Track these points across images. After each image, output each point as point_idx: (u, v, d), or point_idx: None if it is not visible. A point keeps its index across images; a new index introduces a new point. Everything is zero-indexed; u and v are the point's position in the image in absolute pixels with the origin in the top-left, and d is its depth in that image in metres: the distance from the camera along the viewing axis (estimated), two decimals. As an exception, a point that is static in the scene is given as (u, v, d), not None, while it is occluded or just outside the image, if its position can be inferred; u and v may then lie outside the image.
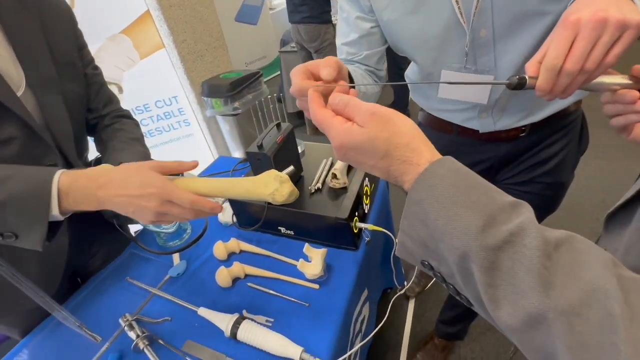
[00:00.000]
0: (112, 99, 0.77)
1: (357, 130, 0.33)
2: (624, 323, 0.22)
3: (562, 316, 0.23)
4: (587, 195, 1.98)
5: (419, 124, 0.90)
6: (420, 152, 0.32)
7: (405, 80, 0.87)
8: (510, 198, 0.29)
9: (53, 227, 0.46)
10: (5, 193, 0.42)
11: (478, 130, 0.75)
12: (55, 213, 0.43)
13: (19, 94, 0.56)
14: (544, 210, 0.87)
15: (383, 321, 0.82)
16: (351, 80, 0.58)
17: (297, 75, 0.42)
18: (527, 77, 0.39)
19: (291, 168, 0.57)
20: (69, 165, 0.64)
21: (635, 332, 0.22)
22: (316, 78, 0.43)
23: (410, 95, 0.86)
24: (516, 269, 0.25)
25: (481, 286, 0.27)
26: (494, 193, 0.29)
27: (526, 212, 0.28)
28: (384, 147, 0.32)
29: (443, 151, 0.33)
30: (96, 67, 0.74)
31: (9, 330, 0.74)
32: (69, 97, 0.63)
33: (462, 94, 0.70)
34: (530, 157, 0.78)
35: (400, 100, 2.98)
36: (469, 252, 0.27)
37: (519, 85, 0.39)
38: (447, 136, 0.81)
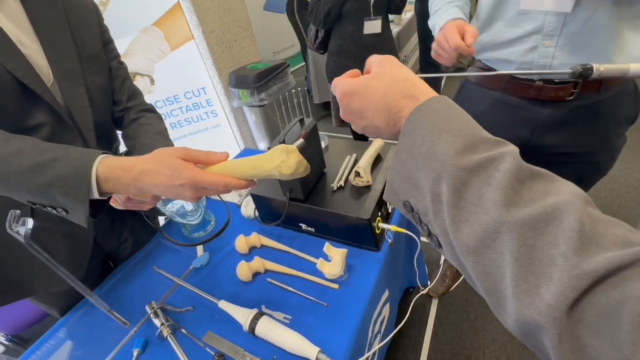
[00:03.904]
0: (137, 93, 0.79)
1: (363, 76, 0.35)
2: (579, 236, 0.21)
3: (515, 228, 0.23)
4: (638, 199, 1.81)
5: (465, 82, 0.91)
6: (421, 88, 0.33)
7: (438, 68, 0.88)
8: (496, 137, 0.29)
9: (99, 204, 0.49)
10: (53, 174, 0.45)
11: (526, 86, 0.73)
12: (96, 196, 0.46)
13: (49, 84, 0.59)
14: (597, 173, 0.86)
15: (402, 323, 0.80)
16: None
17: (453, 32, 0.60)
18: (594, 67, 0.35)
19: (301, 141, 0.54)
20: None
21: (589, 247, 0.21)
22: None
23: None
24: (483, 190, 0.25)
25: (447, 208, 0.27)
26: (481, 130, 0.29)
27: (508, 147, 0.28)
28: (388, 81, 0.33)
29: (485, 111, 0.34)
30: (121, 62, 0.77)
31: (49, 309, 0.81)
32: (92, 88, 0.66)
33: (545, 2, 0.67)
34: (576, 126, 0.76)
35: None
36: (443, 172, 0.27)
37: (581, 76, 0.36)
38: (492, 94, 0.81)
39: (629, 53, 0.65)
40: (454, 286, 1.52)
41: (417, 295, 0.90)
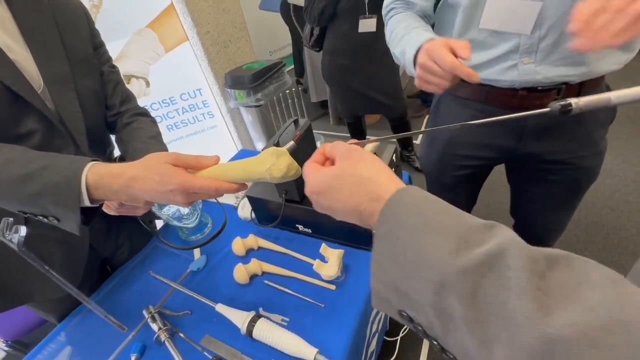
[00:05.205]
0: (130, 97, 0.78)
1: (326, 170, 0.34)
2: None
3: (573, 345, 0.18)
4: (637, 192, 1.81)
5: (441, 97, 0.87)
6: (385, 186, 0.30)
7: None
8: (482, 220, 0.26)
9: (91, 211, 0.48)
10: (42, 184, 0.45)
11: (509, 95, 0.70)
12: (87, 203, 0.45)
13: (39, 90, 0.59)
14: (590, 178, 0.85)
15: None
16: None
17: (442, 51, 0.51)
18: (572, 103, 0.34)
19: (291, 143, 0.54)
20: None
21: None
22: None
23: None
24: (503, 297, 0.21)
25: (466, 325, 0.22)
26: (464, 216, 0.26)
27: (503, 232, 0.25)
28: (350, 182, 0.32)
29: (470, 118, 0.31)
30: (113, 66, 0.76)
31: (46, 316, 0.81)
32: (83, 93, 0.65)
33: (504, 23, 0.65)
34: (562, 134, 0.75)
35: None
36: (445, 282, 0.23)
37: (563, 112, 0.34)
38: (473, 105, 0.78)
39: (610, 57, 0.64)
40: None
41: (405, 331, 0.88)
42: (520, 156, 0.81)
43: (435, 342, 0.27)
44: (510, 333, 0.20)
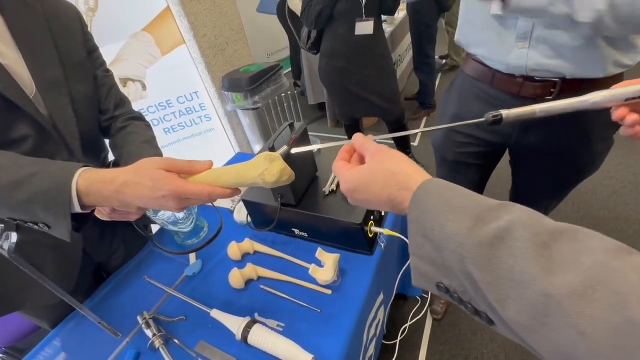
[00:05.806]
0: (124, 101, 0.78)
1: (358, 169, 0.39)
2: (635, 298, 0.21)
3: (566, 301, 0.23)
4: (634, 194, 1.81)
5: (460, 73, 0.94)
6: (413, 177, 0.35)
7: (432, 67, 0.90)
8: (496, 200, 0.31)
9: (82, 217, 0.48)
10: (31, 191, 0.44)
11: (509, 80, 0.75)
12: (78, 210, 0.45)
13: (31, 96, 0.58)
14: (577, 176, 0.88)
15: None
16: None
17: None
18: (503, 114, 0.39)
19: (284, 148, 0.53)
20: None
21: None
22: None
23: (456, 35, 0.88)
24: (512, 263, 0.26)
25: (484, 288, 0.27)
26: (480, 198, 0.31)
27: (516, 210, 0.29)
28: (381, 177, 0.37)
29: (474, 103, 0.37)
30: (107, 70, 0.76)
31: (39, 322, 0.80)
32: (77, 98, 0.65)
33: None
34: (557, 127, 0.76)
35: (426, 89, 2.85)
36: (463, 252, 0.28)
37: (494, 122, 0.39)
38: (481, 85, 0.83)
39: (601, 54, 0.65)
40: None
41: (410, 322, 0.89)
42: (514, 145, 0.84)
43: (469, 305, 0.32)
44: (518, 291, 0.25)
